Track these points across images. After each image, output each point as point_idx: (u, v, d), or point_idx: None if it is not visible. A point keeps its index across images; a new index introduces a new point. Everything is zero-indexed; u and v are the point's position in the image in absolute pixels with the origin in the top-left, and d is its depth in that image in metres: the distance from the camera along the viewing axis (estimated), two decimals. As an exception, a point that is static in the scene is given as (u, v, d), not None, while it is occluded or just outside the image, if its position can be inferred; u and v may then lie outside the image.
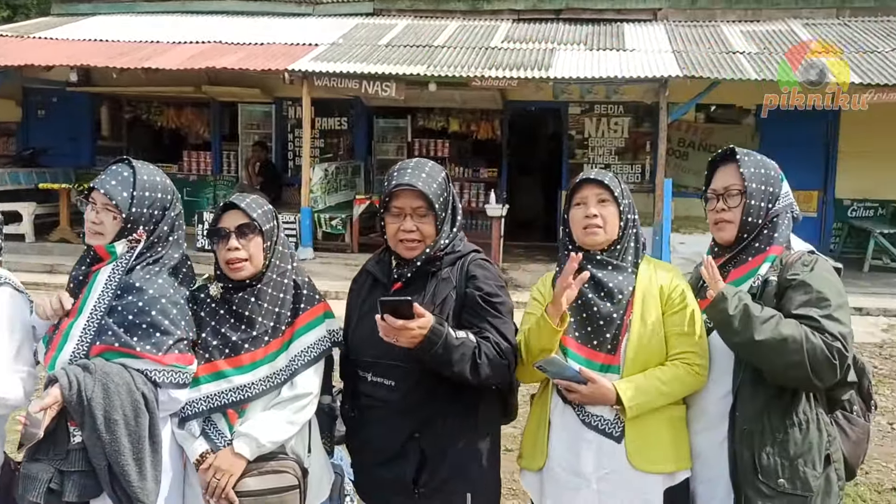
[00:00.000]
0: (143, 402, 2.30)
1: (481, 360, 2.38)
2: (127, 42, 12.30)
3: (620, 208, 2.58)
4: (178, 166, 14.00)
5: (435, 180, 2.49)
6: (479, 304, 2.47)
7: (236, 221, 2.46)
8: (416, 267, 2.50)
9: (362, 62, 11.01)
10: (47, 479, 2.23)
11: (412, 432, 2.48)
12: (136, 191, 2.42)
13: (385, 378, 2.51)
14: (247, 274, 2.48)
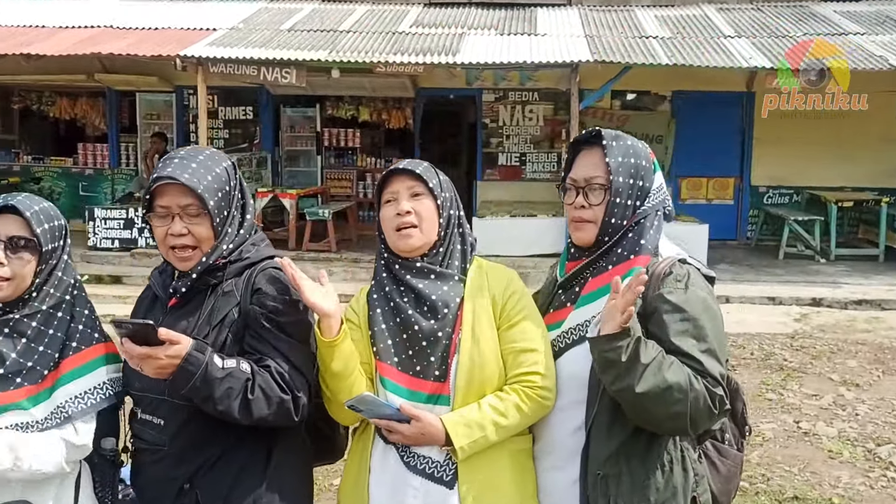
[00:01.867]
0: None
1: (254, 395, 1.92)
2: (8, 27, 11.42)
3: (439, 203, 2.15)
4: (73, 160, 13.17)
5: (211, 171, 2.04)
6: (262, 323, 2.02)
7: (10, 231, 1.99)
8: (192, 280, 2.05)
9: (261, 47, 10.42)
10: None
11: (183, 482, 2.03)
12: None
13: (153, 416, 2.07)
14: (2, 296, 1.99)
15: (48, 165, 13.36)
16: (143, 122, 13.14)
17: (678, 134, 12.16)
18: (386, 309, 2.15)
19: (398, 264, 2.16)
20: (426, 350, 2.09)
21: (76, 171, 13.10)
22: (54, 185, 13.15)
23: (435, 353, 2.09)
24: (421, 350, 2.09)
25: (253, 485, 2.06)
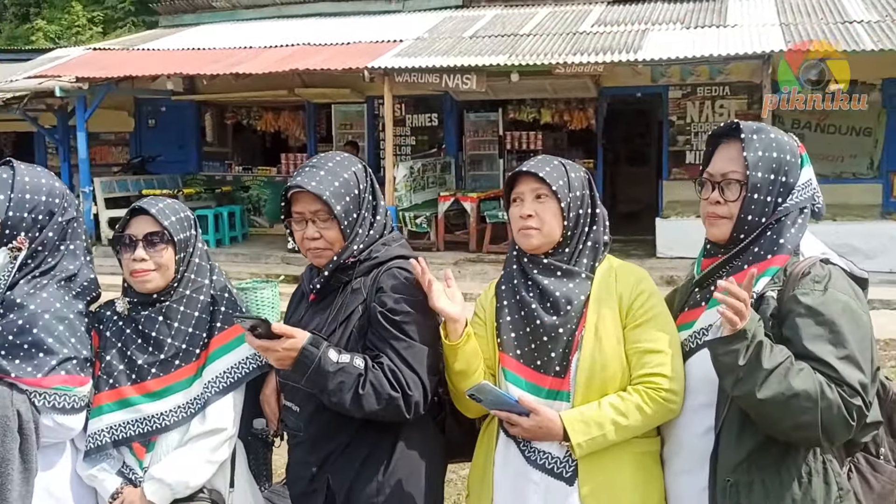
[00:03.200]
0: (15, 421, 2.06)
1: (364, 390, 2.02)
2: (222, 49, 12.59)
3: (563, 205, 2.13)
4: (277, 169, 14.25)
5: (338, 177, 2.15)
6: (380, 321, 2.10)
7: (145, 229, 2.22)
8: (324, 278, 2.18)
9: (443, 55, 10.72)
10: None
11: (315, 467, 2.17)
12: (15, 193, 2.19)
13: (292, 402, 2.23)
14: (153, 286, 2.23)
15: (255, 175, 14.55)
16: (337, 131, 13.96)
17: (889, 126, 11.07)
18: (512, 302, 2.18)
19: (526, 258, 2.19)
20: (547, 345, 2.09)
21: (280, 180, 14.14)
22: (260, 192, 14.29)
23: (556, 349, 2.08)
24: (542, 345, 2.10)
25: (377, 472, 2.15)
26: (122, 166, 14.48)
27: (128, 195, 13.01)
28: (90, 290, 2.32)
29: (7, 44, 21.63)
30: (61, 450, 2.23)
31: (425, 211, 11.59)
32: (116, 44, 14.30)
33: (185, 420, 2.23)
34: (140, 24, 22.33)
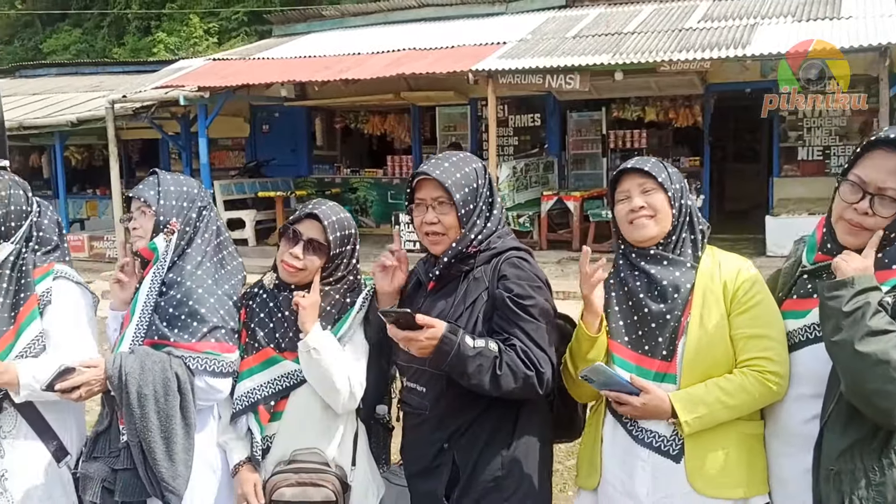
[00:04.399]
0: (175, 382, 2.36)
1: (502, 370, 2.19)
2: (332, 56, 13.07)
3: (670, 195, 2.26)
4: (383, 171, 14.67)
5: (460, 170, 2.34)
6: (508, 306, 2.27)
7: (312, 233, 2.44)
8: (444, 265, 2.36)
9: (547, 56, 10.81)
10: (101, 479, 2.36)
11: (442, 443, 2.35)
12: (162, 187, 2.53)
13: (416, 384, 2.42)
14: (296, 280, 2.48)
15: (363, 177, 15.02)
16: (441, 133, 14.26)
17: None
18: (620, 293, 2.32)
19: (634, 252, 2.31)
20: (655, 331, 2.22)
21: (385, 181, 14.57)
22: (367, 193, 14.75)
23: (663, 335, 2.21)
24: (650, 331, 2.23)
25: (500, 448, 2.32)
26: (238, 170, 15.22)
27: (244, 197, 13.71)
28: (237, 270, 2.62)
29: (131, 56, 23.01)
30: (209, 411, 2.51)
31: (528, 210, 11.71)
32: (234, 54, 15.05)
33: None
34: (252, 34, 23.32)
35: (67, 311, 2.51)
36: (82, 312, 2.56)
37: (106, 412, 2.45)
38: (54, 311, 2.49)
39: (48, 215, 2.61)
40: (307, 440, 2.46)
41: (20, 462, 2.43)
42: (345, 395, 2.41)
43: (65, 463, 2.49)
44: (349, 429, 2.54)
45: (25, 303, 2.45)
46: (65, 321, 2.50)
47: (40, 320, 2.45)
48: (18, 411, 2.44)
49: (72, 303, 2.54)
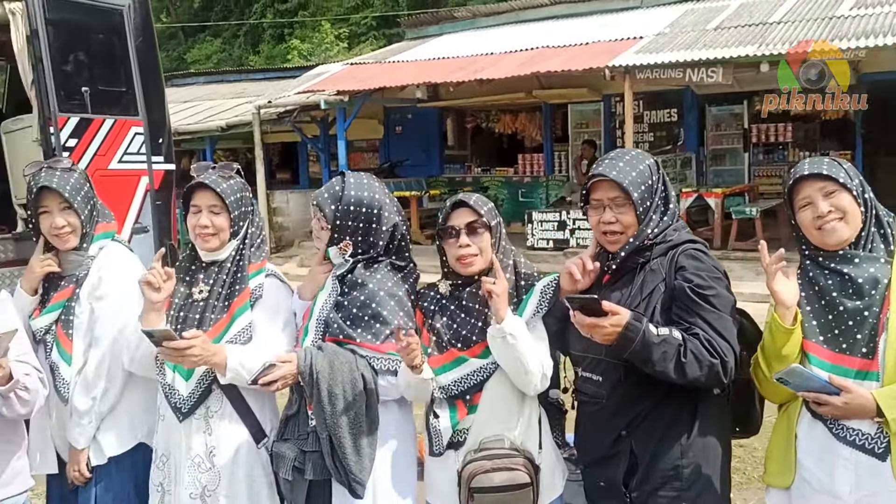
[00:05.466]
0: (361, 382, 2.48)
1: (686, 358, 2.19)
2: (465, 57, 13.24)
3: (854, 194, 2.21)
4: (514, 169, 14.73)
5: (635, 168, 2.36)
6: (689, 296, 2.27)
7: (465, 219, 2.53)
8: (621, 258, 2.38)
9: (686, 49, 10.56)
10: (293, 458, 2.51)
11: (620, 432, 2.38)
12: (343, 204, 2.58)
13: (592, 373, 2.45)
14: (477, 269, 2.54)
15: (493, 175, 15.14)
16: (573, 131, 14.17)
17: None
18: (811, 293, 2.27)
19: (822, 256, 2.27)
20: (853, 329, 2.17)
21: (516, 180, 14.62)
22: (498, 192, 14.84)
23: (862, 332, 2.15)
24: (847, 329, 2.17)
25: (679, 436, 2.33)
26: (373, 170, 15.66)
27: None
28: (412, 272, 2.72)
29: (266, 63, 24.06)
30: (389, 407, 2.62)
31: (665, 208, 11.42)
32: (370, 58, 15.51)
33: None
34: (381, 38, 23.90)
35: (273, 308, 2.68)
36: (285, 310, 2.72)
37: (295, 398, 2.59)
38: (263, 306, 2.66)
39: (258, 213, 2.81)
40: (499, 427, 2.52)
41: (226, 441, 2.62)
42: (537, 377, 2.46)
43: (263, 444, 2.66)
44: (534, 413, 2.60)
45: (239, 295, 2.63)
46: (270, 316, 2.66)
47: (250, 312, 2.63)
48: (224, 394, 2.62)
49: (279, 300, 2.71)
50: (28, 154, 6.17)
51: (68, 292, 2.74)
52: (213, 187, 2.56)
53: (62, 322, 2.73)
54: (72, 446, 2.73)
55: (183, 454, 2.62)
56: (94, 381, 2.70)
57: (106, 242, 2.82)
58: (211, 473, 2.60)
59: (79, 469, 2.72)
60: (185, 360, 2.45)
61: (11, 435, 2.60)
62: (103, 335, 2.71)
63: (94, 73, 6.43)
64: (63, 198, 2.67)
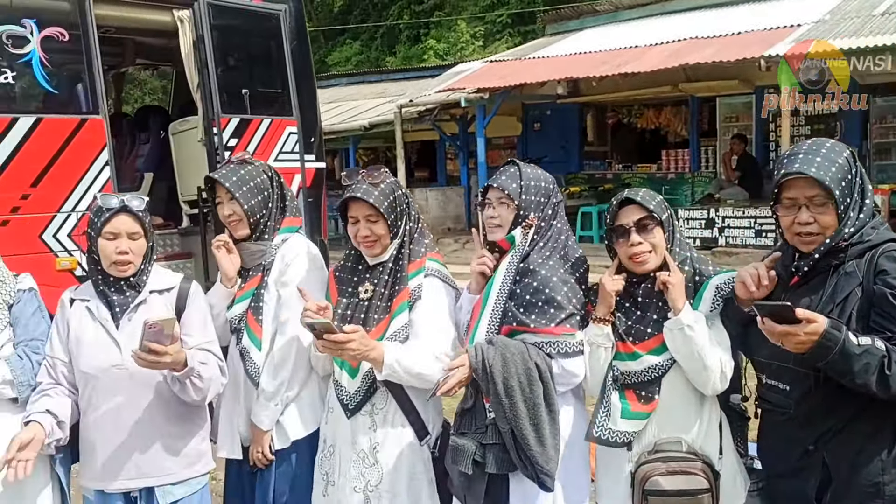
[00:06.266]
0: (536, 371, 2.45)
1: (891, 371, 1.99)
2: (608, 51, 12.95)
3: None
4: (657, 165, 14.29)
5: (834, 163, 2.16)
6: (892, 303, 2.06)
7: (634, 216, 2.46)
8: (813, 261, 2.19)
9: (850, 37, 9.87)
10: (472, 452, 2.48)
11: (808, 444, 2.21)
12: (524, 181, 2.62)
13: (778, 381, 2.29)
14: (651, 266, 2.47)
15: (635, 172, 14.74)
16: (721, 125, 13.57)
17: None
18: None
19: None
20: None
21: (659, 176, 14.17)
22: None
23: None
24: None
25: (879, 452, 2.13)
26: (511, 168, 15.59)
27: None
28: (581, 261, 2.66)
29: (402, 63, 24.50)
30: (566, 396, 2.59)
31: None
32: (509, 55, 15.47)
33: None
34: (516, 35, 23.83)
35: (432, 308, 2.69)
36: (445, 309, 2.72)
37: (471, 392, 2.58)
38: (422, 306, 2.67)
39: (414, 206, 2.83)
40: (676, 429, 2.45)
41: (390, 438, 2.65)
42: (716, 374, 2.37)
43: (425, 442, 2.67)
44: (714, 416, 2.50)
45: (398, 294, 2.67)
46: (428, 317, 2.67)
47: (408, 312, 2.66)
48: (389, 392, 2.65)
49: (438, 300, 2.71)
50: (194, 153, 6.55)
51: (256, 280, 2.85)
52: (366, 199, 2.60)
53: (252, 309, 2.84)
54: (256, 427, 2.82)
55: (349, 449, 2.67)
56: (281, 364, 2.79)
57: (289, 235, 2.91)
58: (374, 469, 2.64)
59: (262, 451, 2.81)
60: (343, 354, 2.49)
61: (195, 417, 2.73)
62: (289, 320, 2.79)
63: (252, 75, 6.74)
64: (226, 188, 2.81)
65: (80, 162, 5.35)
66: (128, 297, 2.63)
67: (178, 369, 2.47)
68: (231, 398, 2.87)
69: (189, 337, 2.60)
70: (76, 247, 5.31)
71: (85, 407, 2.63)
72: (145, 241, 2.60)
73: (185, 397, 2.58)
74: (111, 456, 2.59)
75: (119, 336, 2.58)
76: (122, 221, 2.56)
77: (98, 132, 5.43)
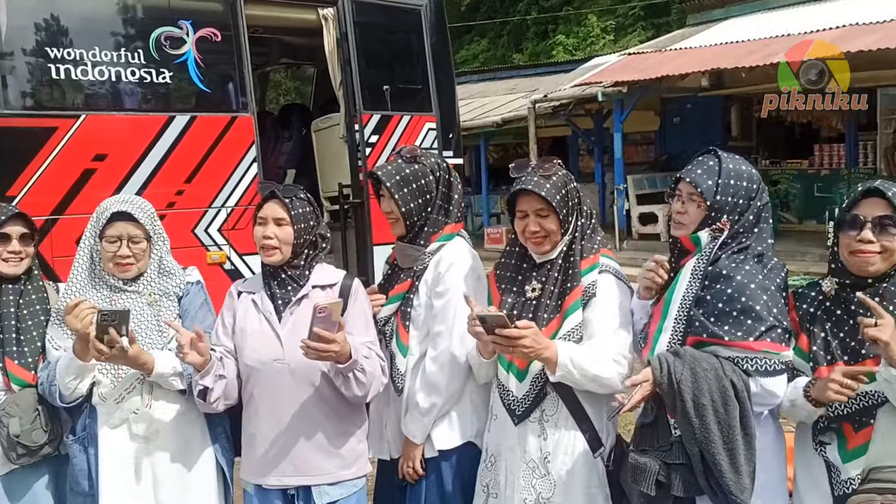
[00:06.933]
0: (731, 390, 2.19)
1: None
2: (756, 40, 12.22)
3: None
4: (809, 161, 13.41)
5: None
6: None
7: (877, 211, 2.15)
8: None
9: None
10: (655, 472, 2.27)
11: None
12: (722, 179, 2.33)
13: None
14: (874, 270, 2.17)
15: (784, 168, 13.89)
16: (882, 118, 12.56)
17: None
18: None
19: None
20: None
21: (811, 173, 13.30)
22: (790, 186, 13.61)
23: None
24: None
25: None
26: (649, 164, 15.09)
27: (655, 192, 13.52)
28: (779, 268, 2.37)
29: (530, 60, 24.23)
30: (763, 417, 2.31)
31: None
32: (648, 47, 14.94)
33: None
34: (649, 28, 23.12)
35: (608, 306, 2.49)
36: (621, 308, 2.52)
37: (651, 406, 2.35)
38: (596, 305, 2.48)
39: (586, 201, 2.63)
40: (889, 457, 2.15)
41: (562, 447, 2.47)
42: None
43: (599, 454, 2.48)
44: None
45: (571, 292, 2.48)
46: (604, 315, 2.47)
47: (582, 311, 2.47)
48: (560, 397, 2.47)
49: (613, 298, 2.51)
50: (335, 150, 6.60)
51: (406, 285, 2.74)
52: (537, 191, 2.43)
53: (401, 313, 2.74)
54: (408, 440, 2.72)
55: (517, 458, 2.51)
56: (435, 383, 2.65)
57: (447, 242, 2.76)
58: (546, 480, 2.47)
59: (413, 465, 2.70)
60: (515, 351, 2.32)
61: (354, 417, 2.67)
62: (442, 333, 2.66)
63: (393, 71, 6.72)
64: (387, 188, 2.71)
65: (230, 159, 5.47)
66: (290, 290, 2.61)
67: (343, 361, 2.41)
68: (382, 399, 2.78)
69: (350, 335, 2.51)
70: (225, 241, 5.44)
71: (247, 399, 2.63)
72: (291, 229, 2.56)
73: (347, 392, 2.52)
74: (269, 450, 2.58)
75: (281, 330, 2.56)
76: (271, 208, 2.58)
77: (247, 130, 5.53)
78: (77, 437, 2.62)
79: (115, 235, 2.60)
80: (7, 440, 2.57)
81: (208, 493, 2.71)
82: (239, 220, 5.49)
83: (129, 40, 5.14)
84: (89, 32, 5.03)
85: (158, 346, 2.61)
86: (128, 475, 2.58)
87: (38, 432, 2.60)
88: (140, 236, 2.62)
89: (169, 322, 2.58)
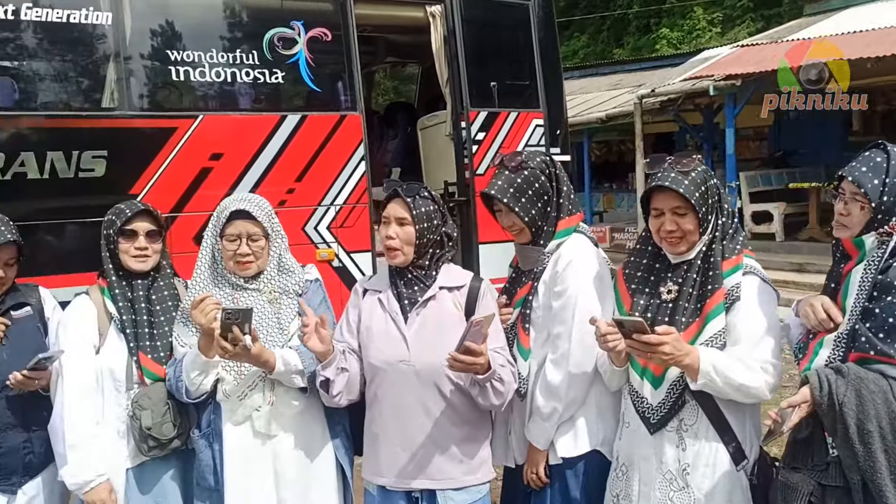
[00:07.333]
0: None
1: None
2: (881, 29, 11.48)
3: None
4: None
5: None
6: None
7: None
8: None
9: None
10: (808, 492, 2.11)
11: None
12: (890, 178, 2.12)
13: None
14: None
15: (912, 164, 12.98)
16: None
17: None
18: None
19: None
20: None
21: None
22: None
23: None
24: None
25: None
26: (762, 160, 14.46)
27: (770, 189, 12.93)
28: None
29: (632, 55, 23.62)
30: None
31: None
32: (763, 38, 14.30)
33: None
34: (758, 20, 22.18)
35: (753, 310, 2.31)
36: (768, 312, 2.33)
37: (806, 422, 2.16)
38: (741, 308, 2.31)
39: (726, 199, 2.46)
40: None
41: (702, 459, 2.33)
42: None
43: (742, 467, 2.31)
44: None
45: (712, 295, 2.31)
46: (750, 320, 2.30)
47: (724, 315, 2.30)
48: (700, 406, 2.33)
49: (759, 302, 2.33)
50: (441, 148, 6.55)
51: (527, 289, 2.65)
52: (675, 188, 2.28)
53: (521, 315, 2.64)
54: (532, 445, 2.62)
55: (653, 469, 2.38)
56: (555, 387, 2.54)
57: (565, 239, 2.63)
58: (685, 494, 2.33)
59: (537, 471, 2.60)
60: (654, 357, 2.19)
61: (479, 422, 2.61)
62: (562, 335, 2.54)
63: (500, 68, 6.61)
64: (504, 203, 2.61)
65: (339, 157, 5.49)
66: (416, 290, 2.56)
67: (482, 372, 2.34)
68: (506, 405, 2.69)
69: None
70: (334, 238, 5.47)
71: (371, 399, 2.61)
72: (413, 229, 2.51)
73: (483, 402, 2.46)
74: (392, 452, 2.55)
75: (407, 331, 2.52)
76: (393, 207, 2.55)
77: (355, 128, 5.55)
78: (202, 432, 2.65)
79: (235, 234, 2.61)
80: (139, 432, 2.62)
81: (328, 490, 2.70)
82: (347, 218, 5.52)
83: (244, 42, 5.23)
84: (206, 35, 5.14)
85: (279, 343, 2.61)
86: (251, 471, 2.60)
87: (168, 426, 2.64)
88: (259, 234, 2.63)
89: (300, 302, 2.61)
